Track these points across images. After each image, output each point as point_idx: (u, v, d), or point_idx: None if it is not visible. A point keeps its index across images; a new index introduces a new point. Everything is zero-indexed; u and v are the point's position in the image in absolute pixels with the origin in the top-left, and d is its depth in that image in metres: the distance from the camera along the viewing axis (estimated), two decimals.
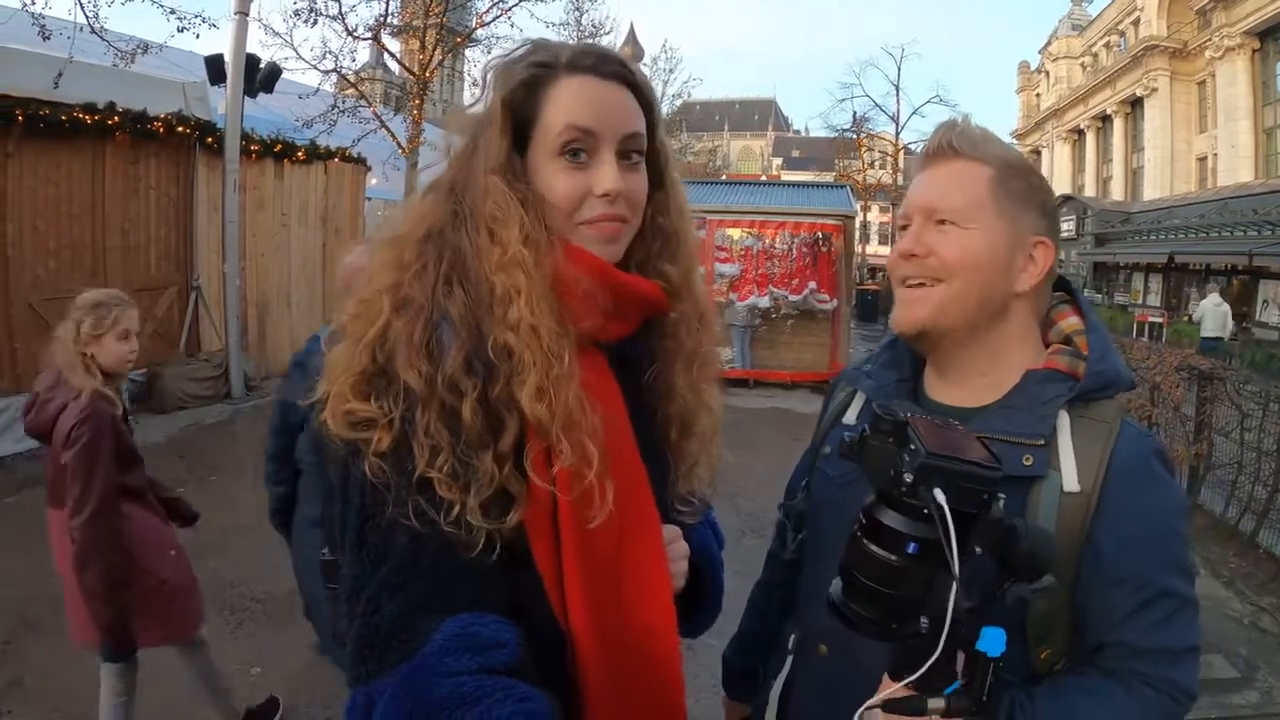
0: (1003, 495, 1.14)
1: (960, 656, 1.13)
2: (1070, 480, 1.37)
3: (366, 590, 1.10)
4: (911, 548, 1.12)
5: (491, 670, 1.06)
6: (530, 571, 1.18)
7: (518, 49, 1.31)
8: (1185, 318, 27.27)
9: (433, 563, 1.10)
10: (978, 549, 1.12)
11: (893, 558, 1.13)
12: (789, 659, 1.74)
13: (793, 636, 1.74)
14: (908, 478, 1.11)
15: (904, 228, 1.58)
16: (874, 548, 1.15)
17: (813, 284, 14.59)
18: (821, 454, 1.74)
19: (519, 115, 1.26)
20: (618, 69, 1.30)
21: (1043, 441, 1.39)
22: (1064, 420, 1.42)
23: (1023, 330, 1.54)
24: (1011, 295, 1.51)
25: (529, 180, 1.26)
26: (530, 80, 1.26)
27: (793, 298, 14.63)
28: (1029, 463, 1.38)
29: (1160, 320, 26.66)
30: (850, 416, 1.72)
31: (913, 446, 1.13)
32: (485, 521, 1.11)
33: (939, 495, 1.08)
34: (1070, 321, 1.57)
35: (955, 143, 1.53)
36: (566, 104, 1.25)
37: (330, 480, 1.19)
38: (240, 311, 11.64)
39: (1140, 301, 33.18)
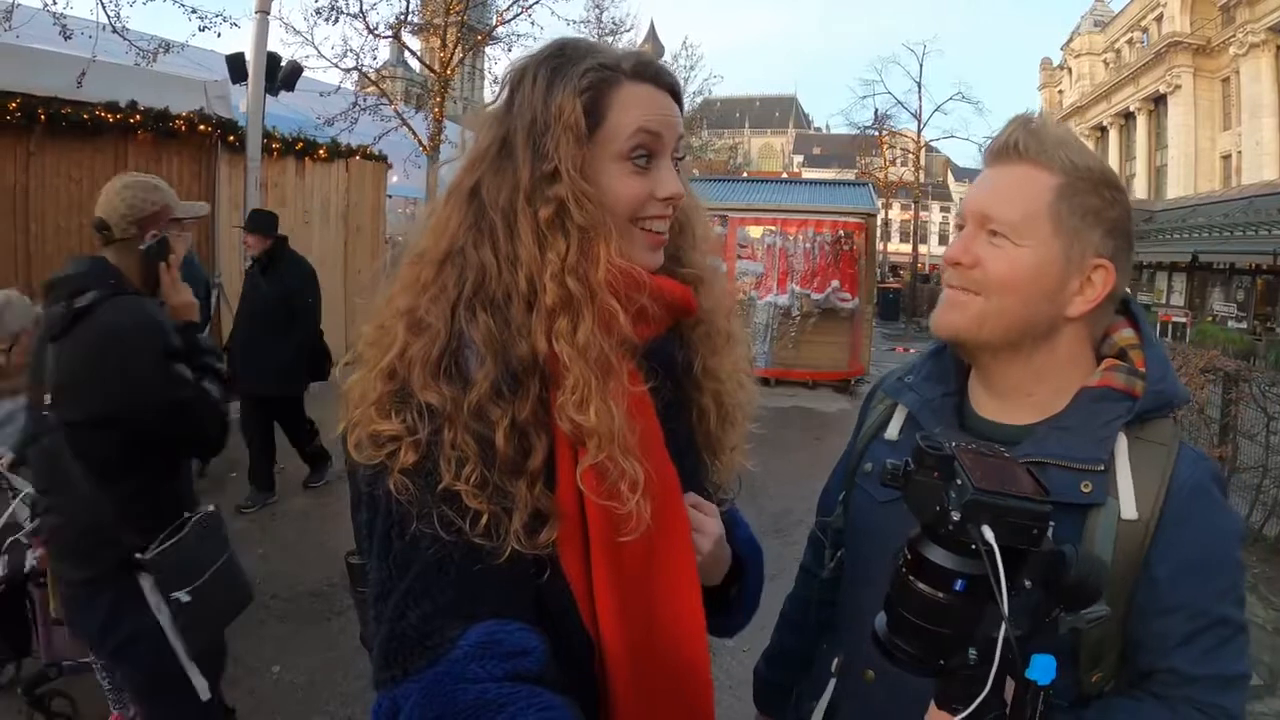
0: (1052, 523, 1.10)
1: (1009, 684, 1.09)
2: (1128, 508, 1.31)
3: (393, 596, 1.10)
4: (959, 585, 1.07)
5: (517, 677, 1.06)
6: (559, 581, 1.17)
7: (551, 50, 1.28)
8: (1209, 318, 27.08)
9: (458, 570, 1.10)
10: (1028, 583, 1.07)
11: (940, 595, 1.09)
12: (831, 682, 1.66)
13: (835, 660, 1.66)
14: (955, 515, 1.06)
15: (960, 227, 1.48)
16: (920, 584, 1.11)
17: (835, 282, 14.52)
18: (861, 470, 1.67)
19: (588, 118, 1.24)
20: (670, 81, 1.31)
21: (1102, 467, 1.33)
22: (1121, 443, 1.35)
23: (1072, 353, 1.45)
24: (1061, 319, 1.41)
25: (593, 184, 1.23)
26: (598, 83, 1.24)
27: (815, 296, 14.54)
28: (1088, 489, 1.32)
29: (1184, 320, 26.50)
30: (892, 431, 1.64)
31: (959, 481, 1.08)
32: (526, 546, 1.11)
33: (988, 533, 1.04)
34: (1125, 334, 1.48)
35: (1022, 143, 1.41)
36: (637, 109, 1.25)
37: (358, 487, 1.19)
38: None
39: (1164, 301, 32.99)
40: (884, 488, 1.24)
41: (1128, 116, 45.79)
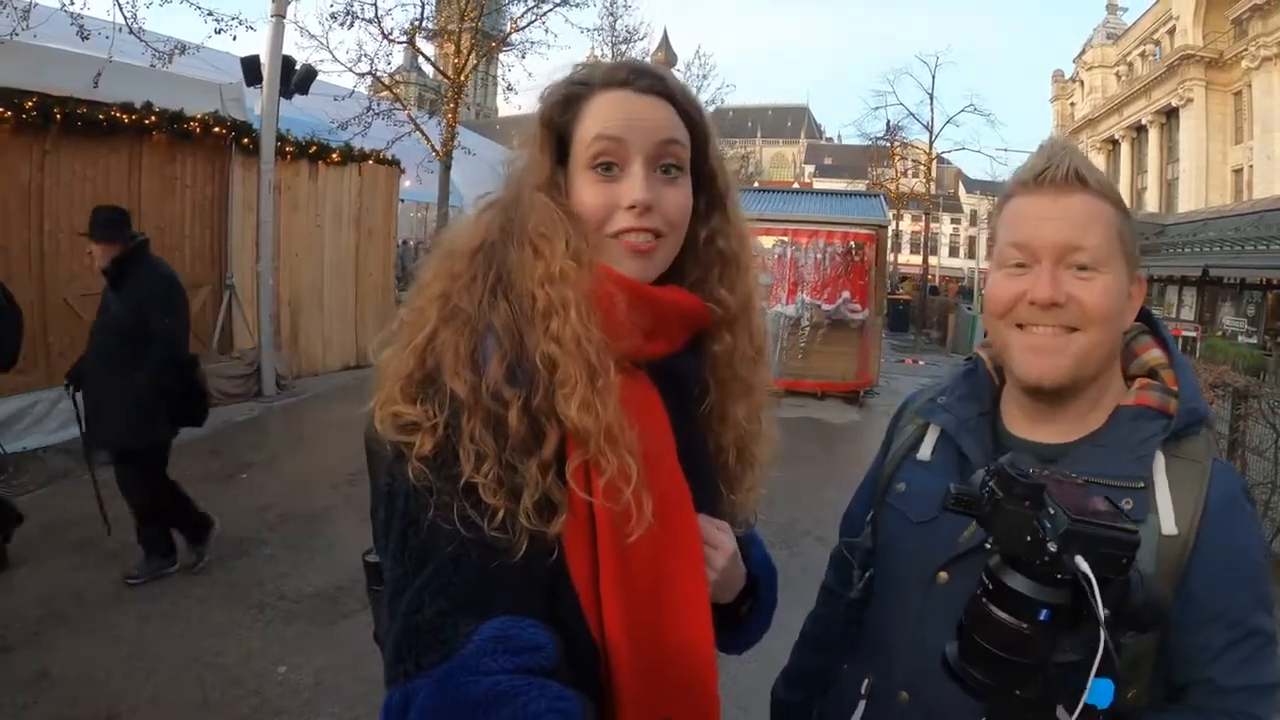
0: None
1: (1060, 710, 1.09)
2: (1168, 523, 1.33)
3: (408, 592, 1.11)
4: (1044, 615, 1.07)
5: (529, 671, 1.06)
6: (566, 585, 1.17)
7: (557, 74, 1.34)
8: (1219, 333, 26.94)
9: (474, 567, 1.11)
10: (1106, 611, 1.06)
11: (1024, 625, 1.08)
12: (861, 704, 1.64)
13: (865, 681, 1.62)
14: (1051, 546, 1.06)
15: (1019, 265, 1.42)
16: (1001, 614, 1.10)
17: (846, 293, 14.46)
18: (894, 491, 1.65)
19: (558, 133, 1.29)
20: (653, 83, 1.30)
21: (1142, 484, 1.35)
22: (1159, 460, 1.38)
23: (1115, 367, 1.50)
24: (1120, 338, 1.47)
25: (569, 196, 1.27)
26: (567, 98, 1.28)
27: (825, 307, 14.49)
28: (1129, 506, 1.31)
29: (1194, 335, 26.35)
30: (924, 452, 1.64)
31: (1051, 511, 1.09)
32: (532, 524, 1.11)
33: (1082, 563, 1.04)
34: (1154, 355, 1.52)
35: (1084, 173, 1.39)
36: (597, 116, 1.27)
37: (378, 484, 1.20)
38: (273, 311, 11.76)
39: (1173, 315, 32.78)
40: (921, 509, 1.23)
41: (1139, 129, 45.69)
